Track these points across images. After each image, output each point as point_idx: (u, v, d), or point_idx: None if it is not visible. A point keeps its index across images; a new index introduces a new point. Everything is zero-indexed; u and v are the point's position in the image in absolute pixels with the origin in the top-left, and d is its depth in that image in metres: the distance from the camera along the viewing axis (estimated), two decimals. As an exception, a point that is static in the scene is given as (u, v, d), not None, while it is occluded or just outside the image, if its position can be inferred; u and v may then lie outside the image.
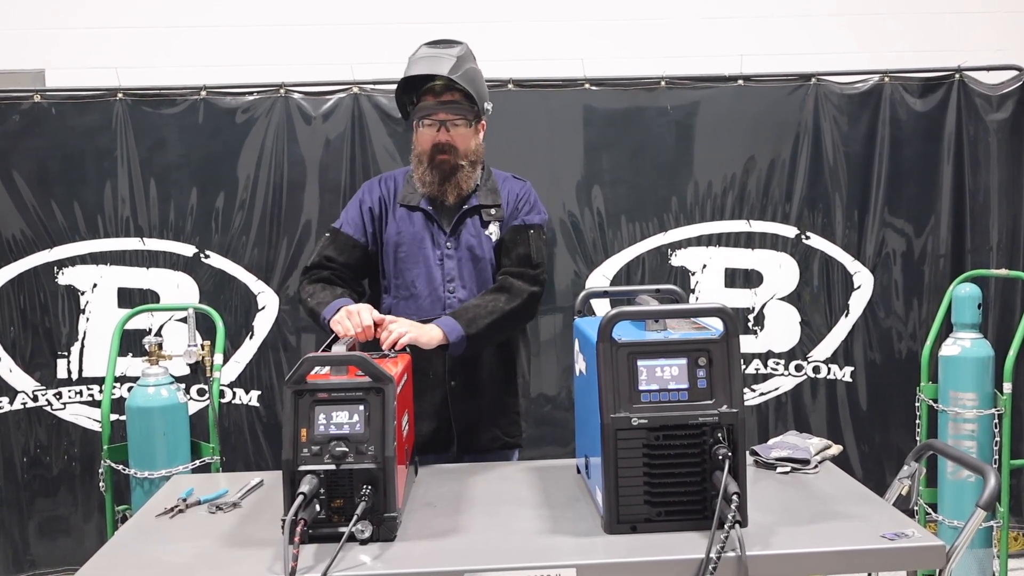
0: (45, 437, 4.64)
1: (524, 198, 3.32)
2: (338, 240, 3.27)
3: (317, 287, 3.16)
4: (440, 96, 3.18)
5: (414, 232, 3.23)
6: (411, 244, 3.22)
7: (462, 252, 3.22)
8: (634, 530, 2.14)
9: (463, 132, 3.19)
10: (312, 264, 3.26)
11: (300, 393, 2.16)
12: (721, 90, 4.75)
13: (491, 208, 3.27)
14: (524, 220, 3.28)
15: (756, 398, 4.83)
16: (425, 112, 3.18)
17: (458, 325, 2.99)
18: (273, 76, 4.68)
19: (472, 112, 3.19)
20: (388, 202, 3.29)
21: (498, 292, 3.15)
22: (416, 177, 3.25)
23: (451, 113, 3.17)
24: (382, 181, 3.36)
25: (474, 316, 3.04)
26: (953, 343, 4.28)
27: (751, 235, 4.79)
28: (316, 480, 2.09)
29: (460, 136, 3.18)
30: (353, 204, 3.34)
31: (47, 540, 4.68)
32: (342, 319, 2.87)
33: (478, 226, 3.24)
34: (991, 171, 4.80)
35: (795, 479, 2.59)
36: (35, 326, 4.62)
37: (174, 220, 4.62)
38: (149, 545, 2.23)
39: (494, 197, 3.29)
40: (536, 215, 3.32)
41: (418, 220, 3.24)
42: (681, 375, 2.17)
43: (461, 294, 3.19)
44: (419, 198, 3.24)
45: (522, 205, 3.30)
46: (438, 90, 3.18)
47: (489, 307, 3.08)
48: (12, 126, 4.53)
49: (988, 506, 2.25)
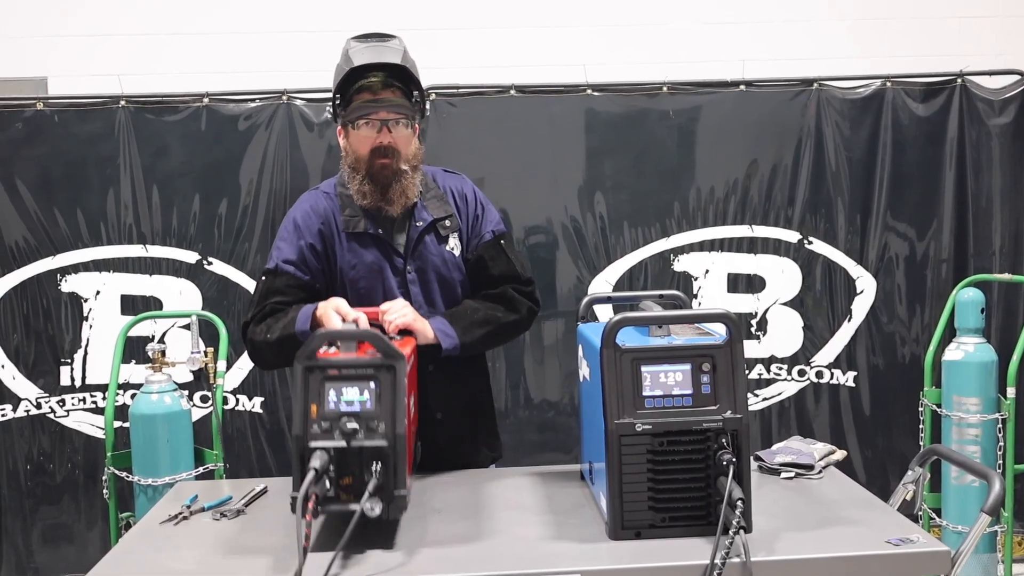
0: (48, 444, 4.65)
1: (474, 202, 3.01)
2: (277, 283, 2.85)
3: (269, 321, 2.80)
4: (378, 94, 2.79)
5: (369, 263, 2.85)
6: (369, 277, 2.86)
7: (426, 275, 2.89)
8: (638, 536, 2.13)
9: (405, 134, 2.83)
10: (253, 314, 2.85)
11: (311, 369, 2.15)
12: (723, 95, 4.76)
13: (445, 220, 2.92)
14: (492, 231, 2.99)
15: (759, 403, 4.83)
16: (363, 111, 2.79)
17: (453, 332, 2.78)
18: (275, 83, 4.70)
19: (411, 111, 2.84)
20: (330, 233, 2.88)
21: (497, 302, 2.92)
22: (353, 190, 2.85)
23: (393, 112, 2.79)
24: (315, 211, 2.90)
25: (470, 323, 2.83)
26: (956, 348, 4.28)
27: (754, 240, 4.80)
28: (326, 456, 2.08)
29: (402, 138, 2.82)
30: (286, 243, 2.88)
31: (51, 547, 4.68)
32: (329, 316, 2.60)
33: (437, 243, 2.91)
34: (993, 175, 4.80)
35: (799, 484, 2.58)
36: (38, 333, 4.63)
37: (177, 227, 4.63)
38: (153, 552, 2.22)
39: (444, 206, 2.94)
40: (494, 218, 3.03)
41: (370, 248, 2.86)
42: (685, 381, 2.16)
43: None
44: (364, 222, 2.86)
45: (476, 211, 3.00)
46: (376, 88, 2.80)
47: (486, 316, 2.87)
48: (15, 134, 4.55)
49: (993, 511, 2.24)
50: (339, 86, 2.84)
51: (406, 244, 2.88)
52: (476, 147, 4.67)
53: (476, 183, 3.12)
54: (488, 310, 2.89)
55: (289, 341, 2.67)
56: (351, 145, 2.85)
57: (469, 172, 4.69)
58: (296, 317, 2.70)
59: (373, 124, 2.79)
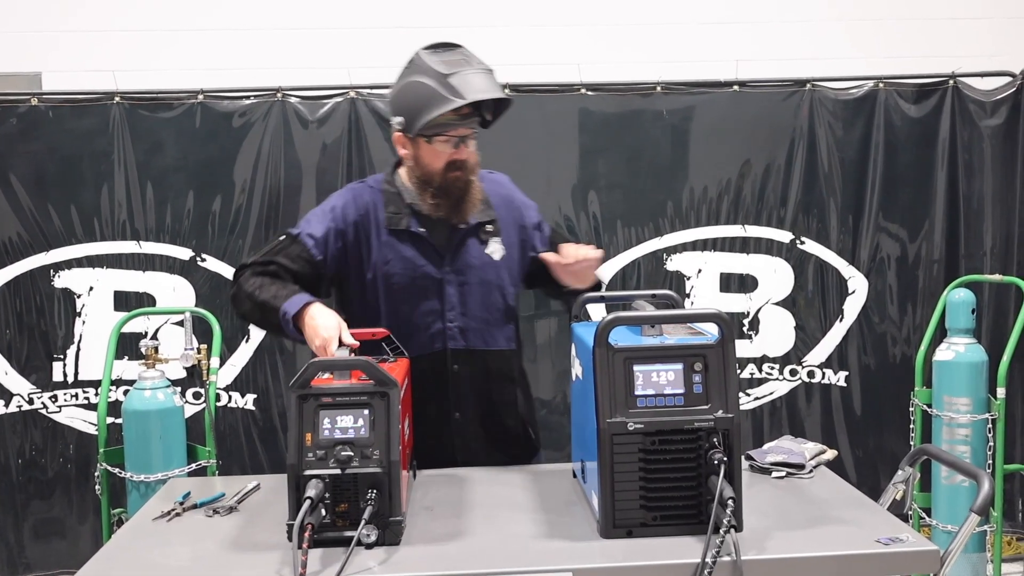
0: (41, 440, 4.65)
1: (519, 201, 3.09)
2: (292, 249, 2.87)
3: (265, 280, 2.80)
4: (461, 111, 2.79)
5: (407, 259, 2.89)
6: (405, 273, 2.89)
7: (465, 276, 2.91)
8: (630, 534, 2.14)
9: (472, 147, 2.89)
10: (256, 260, 2.88)
11: (304, 398, 2.16)
12: (717, 95, 4.78)
13: (487, 224, 2.96)
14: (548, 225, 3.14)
15: (751, 402, 4.84)
16: (445, 129, 2.80)
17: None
18: (270, 80, 4.70)
19: (480, 126, 2.92)
20: (366, 226, 2.91)
21: None
22: (424, 202, 2.88)
23: (469, 128, 2.85)
24: (356, 202, 2.94)
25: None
26: (947, 348, 4.29)
27: (746, 240, 4.81)
28: (322, 484, 2.09)
29: (471, 151, 2.88)
30: (319, 218, 2.93)
31: (42, 543, 4.68)
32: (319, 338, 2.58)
33: (478, 246, 2.95)
34: (985, 177, 4.82)
35: (790, 484, 2.59)
36: (31, 329, 4.62)
37: (171, 223, 4.63)
38: (146, 548, 2.23)
39: (487, 211, 2.98)
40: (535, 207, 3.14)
41: (410, 246, 2.89)
42: (677, 380, 2.17)
43: (461, 322, 2.91)
44: (407, 220, 2.90)
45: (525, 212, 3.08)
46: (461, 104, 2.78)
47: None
48: (9, 129, 4.54)
49: (982, 511, 2.26)
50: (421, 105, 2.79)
51: (447, 246, 2.91)
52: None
53: None
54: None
55: (268, 310, 2.72)
56: (422, 157, 2.86)
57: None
58: (289, 297, 2.70)
59: (451, 140, 2.83)
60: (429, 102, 2.76)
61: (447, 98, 2.74)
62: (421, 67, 2.80)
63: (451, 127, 2.81)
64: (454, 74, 2.76)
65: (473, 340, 2.93)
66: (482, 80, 2.79)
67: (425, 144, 2.84)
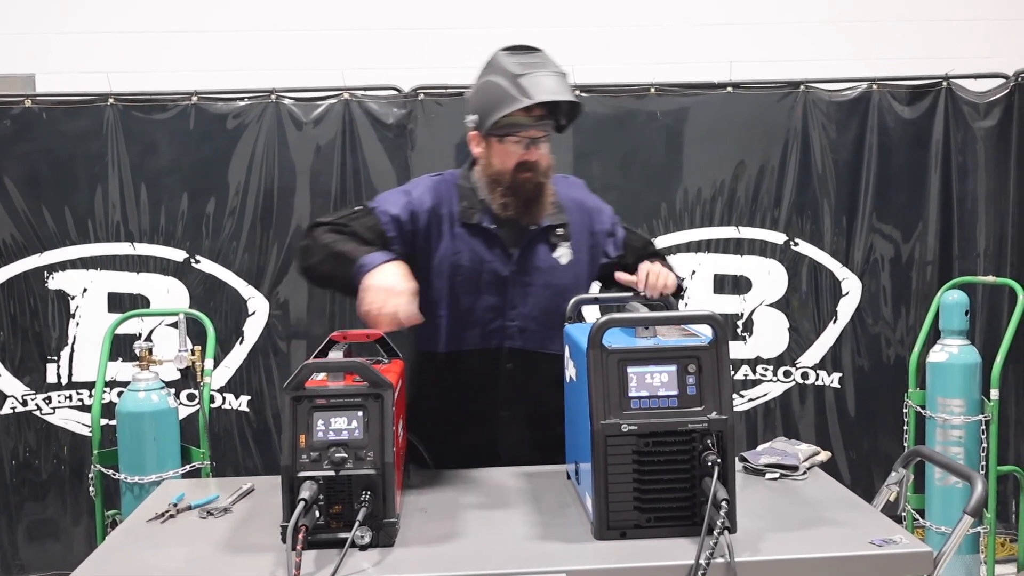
0: (35, 441, 4.64)
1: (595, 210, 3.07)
2: (367, 220, 2.85)
3: (341, 237, 2.77)
4: (532, 112, 2.80)
5: (475, 255, 2.89)
6: (471, 268, 2.88)
7: (528, 277, 2.90)
8: (623, 536, 2.14)
9: (546, 149, 2.89)
10: (332, 220, 2.86)
11: (298, 399, 2.16)
12: (710, 97, 4.78)
13: (558, 228, 2.95)
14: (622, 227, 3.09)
15: (745, 404, 4.85)
16: (516, 129, 2.81)
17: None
18: (264, 82, 4.70)
19: (555, 128, 2.93)
20: (438, 217, 2.91)
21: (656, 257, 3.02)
22: (494, 200, 2.88)
23: (542, 130, 2.85)
24: (432, 191, 2.95)
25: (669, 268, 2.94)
26: (941, 350, 4.30)
27: (740, 241, 4.82)
28: (316, 486, 2.09)
29: (544, 153, 2.87)
30: (395, 199, 2.93)
31: (36, 544, 4.68)
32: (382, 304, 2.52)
33: (546, 249, 2.93)
34: (978, 178, 4.83)
35: (784, 485, 2.60)
36: (25, 331, 4.62)
37: (165, 225, 4.63)
38: (140, 550, 2.22)
39: (560, 215, 2.97)
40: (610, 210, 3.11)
41: (479, 240, 2.89)
42: (671, 382, 2.17)
43: (521, 322, 2.90)
44: (480, 215, 2.90)
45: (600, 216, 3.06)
46: (532, 107, 2.80)
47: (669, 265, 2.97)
48: (2, 131, 4.55)
49: (975, 512, 2.26)
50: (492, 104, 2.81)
51: (516, 245, 2.91)
52: (464, 147, 4.66)
53: None
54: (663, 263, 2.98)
55: (343, 261, 2.66)
56: (494, 157, 2.88)
57: (457, 172, 4.73)
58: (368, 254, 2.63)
59: (522, 141, 2.83)
60: (499, 101, 2.78)
61: (516, 98, 2.76)
62: (496, 67, 2.83)
63: (522, 128, 2.82)
64: (526, 75, 2.77)
65: (530, 341, 2.92)
66: (553, 82, 2.80)
67: (497, 144, 2.85)
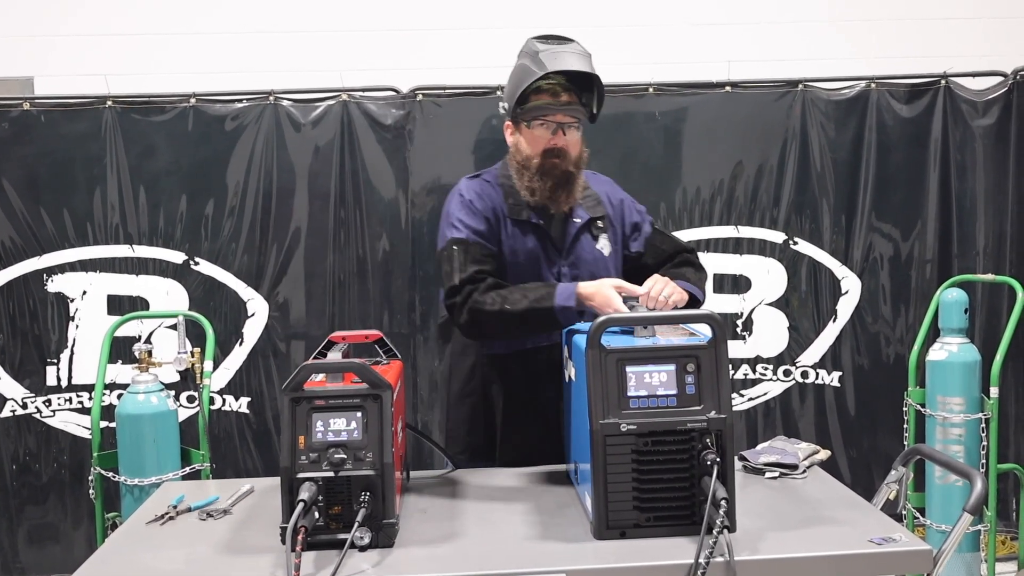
0: (35, 444, 4.64)
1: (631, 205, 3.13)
2: (471, 251, 2.84)
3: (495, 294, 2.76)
4: (558, 96, 2.88)
5: (528, 250, 2.92)
6: (526, 264, 2.90)
7: (578, 269, 2.93)
8: (623, 535, 2.14)
9: (575, 137, 2.93)
10: (463, 280, 2.80)
11: (297, 400, 2.16)
12: (709, 96, 4.78)
13: (599, 220, 3.02)
14: (649, 222, 3.12)
15: (745, 403, 4.85)
16: (542, 112, 2.87)
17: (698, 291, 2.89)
18: (262, 83, 4.69)
19: (585, 115, 2.95)
20: (495, 218, 2.92)
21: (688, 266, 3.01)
22: (522, 185, 2.92)
23: (570, 116, 2.89)
24: (481, 195, 2.96)
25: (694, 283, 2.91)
26: (940, 348, 4.30)
27: (739, 241, 4.81)
28: (315, 487, 2.10)
29: (573, 141, 2.91)
30: (468, 216, 2.90)
31: (36, 547, 4.67)
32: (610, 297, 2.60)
33: (591, 241, 2.99)
34: (977, 176, 4.83)
35: (783, 484, 2.60)
36: (24, 333, 4.62)
37: (164, 227, 4.62)
38: (140, 552, 2.23)
39: (598, 207, 3.04)
40: (642, 210, 3.15)
41: (530, 237, 2.93)
42: (670, 381, 2.18)
43: None
44: (527, 211, 2.93)
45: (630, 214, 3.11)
46: (556, 90, 2.88)
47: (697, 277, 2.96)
48: (1, 133, 4.54)
49: (975, 510, 2.26)
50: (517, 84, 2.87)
51: (563, 239, 2.95)
52: (462, 148, 4.68)
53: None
54: (692, 273, 2.98)
55: (537, 315, 2.69)
56: (523, 142, 2.92)
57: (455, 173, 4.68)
58: (553, 293, 2.68)
59: (549, 126, 2.87)
60: (521, 79, 2.85)
61: (534, 72, 2.81)
62: (525, 51, 2.89)
63: (548, 111, 2.86)
64: (547, 51, 2.83)
65: None
66: (572, 58, 2.84)
67: (526, 129, 2.90)
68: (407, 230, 4.70)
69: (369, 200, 4.68)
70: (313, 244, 4.69)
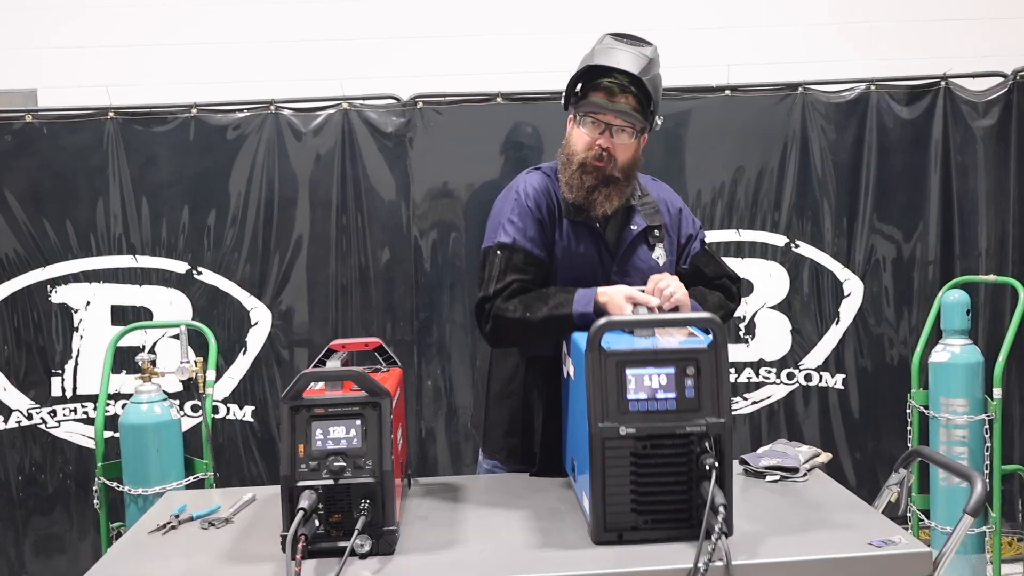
0: (40, 455, 4.65)
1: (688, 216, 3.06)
2: (514, 258, 2.79)
3: (523, 298, 2.73)
4: (614, 97, 2.77)
5: (583, 253, 2.84)
6: (583, 266, 2.83)
7: (630, 277, 2.82)
8: (621, 538, 2.14)
9: (625, 143, 2.80)
10: (496, 290, 2.75)
11: (296, 409, 2.17)
12: (709, 100, 4.78)
13: (655, 229, 2.93)
14: (700, 240, 3.04)
15: (748, 407, 4.84)
16: (592, 109, 2.78)
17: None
18: (263, 93, 4.71)
19: (641, 123, 2.81)
20: (554, 213, 2.86)
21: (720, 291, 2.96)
22: (564, 179, 2.85)
23: (620, 119, 2.77)
24: (540, 189, 2.89)
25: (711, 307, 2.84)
26: (943, 349, 4.30)
27: (741, 244, 4.81)
28: (315, 495, 2.10)
29: (621, 146, 2.80)
30: (520, 217, 2.84)
31: (43, 558, 4.68)
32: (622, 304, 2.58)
33: (646, 250, 2.91)
34: (978, 177, 4.82)
35: (784, 487, 2.60)
36: (29, 344, 4.63)
37: (166, 237, 4.64)
38: (142, 562, 2.23)
39: (656, 216, 2.95)
40: (697, 225, 3.08)
41: (586, 240, 2.85)
42: (669, 384, 2.17)
43: None
44: (585, 212, 2.84)
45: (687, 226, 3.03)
46: (614, 90, 2.78)
47: (719, 301, 2.90)
48: (4, 146, 4.56)
49: (975, 512, 2.26)
50: (582, 76, 2.84)
51: (618, 245, 2.88)
52: (463, 154, 4.69)
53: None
54: (717, 297, 2.93)
55: (556, 322, 2.66)
56: (572, 137, 2.87)
57: (456, 179, 4.75)
58: (572, 299, 2.65)
59: (598, 124, 2.80)
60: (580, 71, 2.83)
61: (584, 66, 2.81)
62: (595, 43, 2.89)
63: (600, 110, 2.78)
64: (603, 47, 2.83)
65: None
66: (623, 56, 2.81)
67: (578, 125, 2.84)
68: (409, 237, 4.70)
69: (371, 208, 4.69)
70: (315, 252, 4.70)
